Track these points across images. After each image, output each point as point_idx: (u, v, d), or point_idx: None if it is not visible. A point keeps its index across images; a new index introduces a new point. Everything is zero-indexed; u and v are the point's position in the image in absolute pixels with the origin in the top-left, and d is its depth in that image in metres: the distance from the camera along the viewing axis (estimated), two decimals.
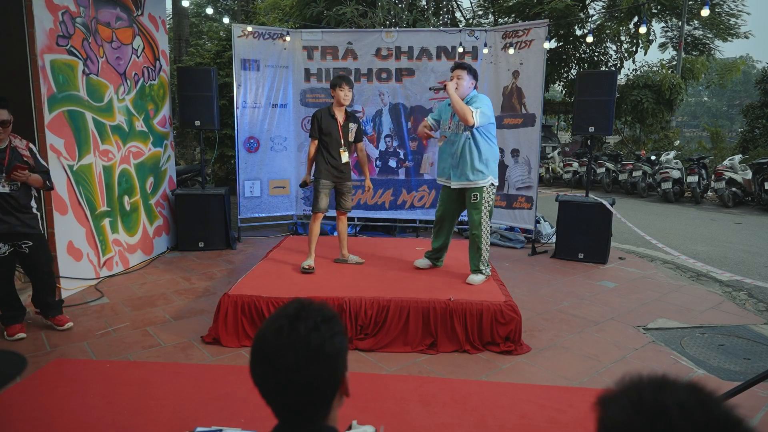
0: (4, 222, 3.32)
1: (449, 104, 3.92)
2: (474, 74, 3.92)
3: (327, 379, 1.03)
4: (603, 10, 15.58)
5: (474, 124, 3.74)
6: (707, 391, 0.71)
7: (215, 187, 6.55)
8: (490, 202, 3.94)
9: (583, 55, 15.47)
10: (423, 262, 4.30)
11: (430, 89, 4.10)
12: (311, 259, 4.18)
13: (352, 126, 4.23)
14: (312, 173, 4.28)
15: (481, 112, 3.76)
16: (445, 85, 3.77)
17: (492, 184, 3.92)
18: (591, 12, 15.19)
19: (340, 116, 4.17)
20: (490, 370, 3.17)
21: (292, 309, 1.07)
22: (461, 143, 3.88)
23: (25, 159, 3.38)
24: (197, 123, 5.85)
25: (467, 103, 3.83)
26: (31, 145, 3.48)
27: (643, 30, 6.40)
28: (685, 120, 36.13)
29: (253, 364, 1.04)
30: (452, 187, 3.98)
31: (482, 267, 3.94)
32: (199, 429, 2.31)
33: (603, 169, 12.22)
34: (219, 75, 6.79)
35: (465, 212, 4.17)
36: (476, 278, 3.91)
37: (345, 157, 4.17)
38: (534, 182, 5.95)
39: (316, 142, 4.17)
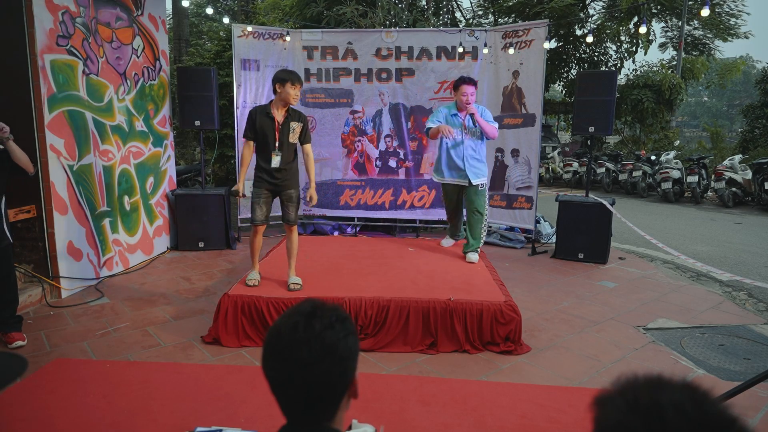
0: None
1: (453, 115, 4.48)
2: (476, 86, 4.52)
3: (337, 378, 1.04)
4: (603, 10, 15.58)
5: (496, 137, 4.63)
6: (702, 391, 0.71)
7: (215, 187, 6.54)
8: None
9: (583, 55, 15.48)
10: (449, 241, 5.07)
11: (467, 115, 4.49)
12: (255, 272, 3.84)
13: (294, 125, 3.68)
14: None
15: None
16: (473, 114, 4.41)
17: None
18: (591, 12, 15.20)
19: (279, 115, 3.64)
20: (490, 370, 3.17)
21: (308, 307, 1.09)
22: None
23: None
24: (197, 123, 5.86)
25: (480, 114, 4.45)
26: None
27: (643, 30, 6.40)
28: (685, 120, 36.14)
29: (265, 358, 1.06)
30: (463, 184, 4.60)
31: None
32: (199, 429, 2.31)
33: (603, 169, 12.23)
34: (219, 75, 6.79)
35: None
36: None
37: (276, 161, 3.67)
38: (534, 182, 5.96)
39: (251, 143, 3.71)
